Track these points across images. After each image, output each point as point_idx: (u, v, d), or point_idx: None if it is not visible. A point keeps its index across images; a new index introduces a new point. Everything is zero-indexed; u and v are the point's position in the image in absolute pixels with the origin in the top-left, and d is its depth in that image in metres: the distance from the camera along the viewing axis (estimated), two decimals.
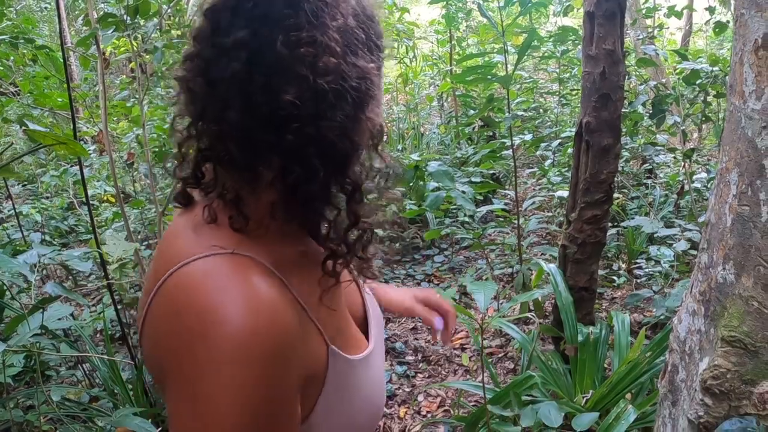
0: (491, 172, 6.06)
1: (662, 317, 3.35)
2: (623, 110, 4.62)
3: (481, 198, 5.91)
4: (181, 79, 0.87)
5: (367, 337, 1.05)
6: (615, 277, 4.50)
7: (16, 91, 5.80)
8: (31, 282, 2.06)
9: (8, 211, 5.93)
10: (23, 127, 1.31)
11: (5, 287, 2.53)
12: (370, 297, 1.18)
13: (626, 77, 5.18)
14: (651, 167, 5.84)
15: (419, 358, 4.05)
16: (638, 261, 4.46)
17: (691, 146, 5.27)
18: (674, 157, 5.39)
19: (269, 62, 0.77)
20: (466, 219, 5.64)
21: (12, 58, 4.53)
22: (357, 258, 0.93)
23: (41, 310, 2.02)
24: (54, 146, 1.43)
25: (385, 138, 0.94)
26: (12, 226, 4.70)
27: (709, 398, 1.36)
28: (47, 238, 5.06)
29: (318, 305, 0.88)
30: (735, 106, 1.27)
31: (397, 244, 5.59)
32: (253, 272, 0.78)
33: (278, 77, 0.77)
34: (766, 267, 1.22)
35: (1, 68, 4.73)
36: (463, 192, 3.76)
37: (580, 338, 2.86)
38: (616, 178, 5.49)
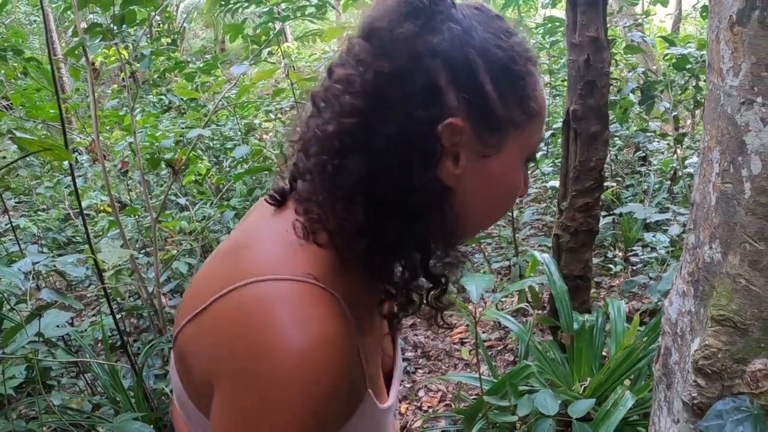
0: None
1: (659, 302, 3.35)
2: (613, 98, 4.64)
3: None
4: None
5: (388, 391, 1.04)
6: (612, 266, 4.51)
7: (8, 105, 5.80)
8: (26, 291, 2.06)
9: (5, 225, 5.93)
10: (9, 136, 1.31)
11: (3, 298, 2.53)
12: (399, 353, 1.16)
13: (615, 65, 5.20)
14: (644, 154, 5.85)
15: (419, 354, 4.06)
16: (634, 248, 4.47)
17: (684, 131, 5.27)
18: (667, 144, 5.40)
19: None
20: None
21: (2, 71, 4.53)
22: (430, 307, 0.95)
23: (38, 317, 2.02)
24: (40, 152, 1.43)
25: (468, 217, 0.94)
26: (9, 239, 4.69)
27: (702, 379, 1.36)
28: (45, 250, 5.05)
29: (366, 348, 0.88)
30: (714, 84, 1.27)
31: None
32: (331, 308, 0.76)
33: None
34: (751, 244, 1.23)
35: None
36: None
37: (575, 327, 2.87)
38: (609, 167, 5.54)
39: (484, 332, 4.16)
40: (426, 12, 0.82)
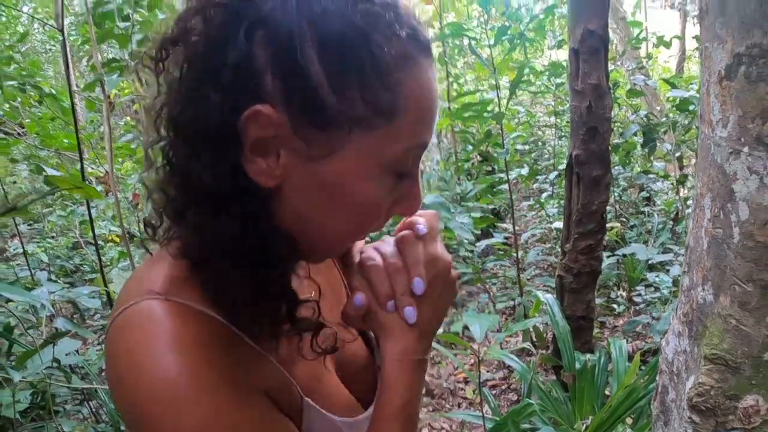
0: (491, 206, 6.12)
1: (660, 342, 3.38)
2: (617, 141, 4.73)
3: (482, 232, 5.97)
4: None
5: (366, 403, 0.94)
6: (615, 305, 4.53)
7: (22, 132, 5.92)
8: (41, 318, 2.12)
9: (14, 249, 6.00)
10: (42, 174, 1.38)
11: (13, 324, 2.59)
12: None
13: (618, 107, 5.30)
14: (649, 194, 5.91)
15: (423, 392, 4.07)
16: (638, 288, 4.50)
17: (687, 172, 5.34)
18: (671, 184, 5.46)
19: None
20: (467, 254, 5.69)
21: (19, 99, 4.64)
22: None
23: (52, 344, 2.08)
24: (70, 190, 1.50)
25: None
26: (18, 264, 4.76)
27: (696, 415, 1.41)
28: (52, 276, 5.12)
29: (290, 353, 0.80)
30: (705, 134, 1.34)
31: None
32: (181, 318, 0.69)
33: None
34: (741, 286, 1.28)
35: (8, 109, 4.84)
36: (462, 223, 3.82)
37: (577, 366, 2.90)
38: (614, 208, 5.60)
39: (488, 371, 4.18)
40: None
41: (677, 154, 4.47)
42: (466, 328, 4.63)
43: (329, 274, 0.97)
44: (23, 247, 3.60)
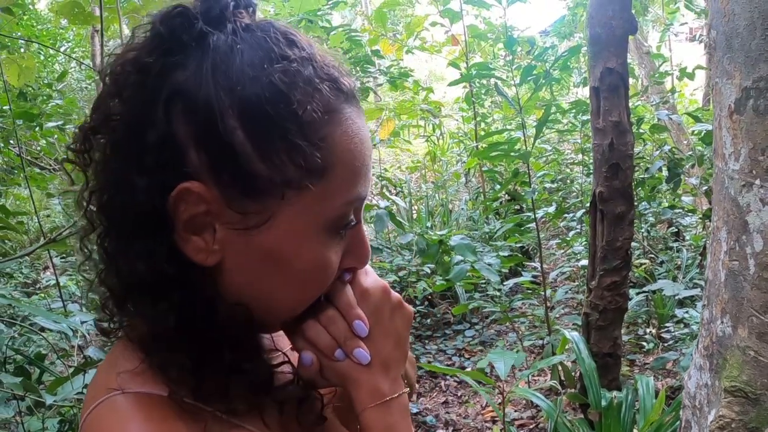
0: (519, 245, 6.11)
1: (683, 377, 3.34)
2: (641, 176, 4.72)
3: (510, 271, 5.96)
4: None
5: None
6: (644, 343, 4.48)
7: (57, 167, 6.10)
8: (72, 348, 2.18)
9: (46, 281, 6.12)
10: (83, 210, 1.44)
11: (44, 353, 2.65)
12: None
13: (642, 143, 5.29)
14: (677, 230, 5.86)
15: None
16: (667, 325, 4.45)
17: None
18: (699, 218, 5.42)
19: None
20: (495, 293, 5.69)
21: (56, 136, 4.78)
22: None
23: (83, 372, 2.13)
24: None
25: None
26: (50, 296, 4.86)
27: None
28: (83, 309, 5.21)
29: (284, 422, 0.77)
30: (719, 168, 1.36)
31: (428, 320, 5.63)
32: (143, 411, 0.67)
33: None
34: (758, 317, 1.29)
35: (45, 145, 4.98)
36: (489, 264, 3.84)
37: (603, 403, 2.87)
38: (641, 244, 5.56)
39: (515, 410, 4.14)
40: (172, 40, 0.65)
41: (704, 188, 4.44)
42: (492, 366, 4.61)
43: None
44: (57, 279, 3.68)
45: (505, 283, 4.81)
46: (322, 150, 0.65)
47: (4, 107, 4.15)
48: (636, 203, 3.39)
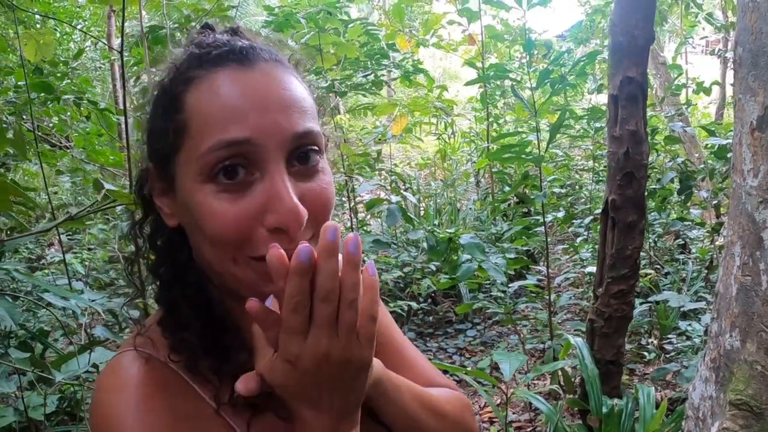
0: (526, 248, 6.12)
1: (687, 388, 3.35)
2: (653, 187, 4.72)
3: (515, 273, 5.97)
4: None
5: None
6: (646, 353, 4.49)
7: (69, 145, 6.12)
8: (75, 325, 2.20)
9: (51, 257, 6.14)
10: (100, 188, 1.46)
11: (48, 330, 2.68)
12: None
13: (655, 154, 5.29)
14: (684, 242, 5.85)
15: None
16: (669, 337, 4.46)
17: (722, 220, 5.30)
18: (707, 232, 5.42)
19: None
20: (499, 294, 5.69)
21: (69, 113, 4.79)
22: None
23: (89, 350, 2.15)
24: (128, 205, 1.57)
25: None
26: (53, 272, 4.88)
27: None
28: (87, 288, 5.23)
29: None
30: (737, 183, 1.37)
31: (431, 318, 5.65)
32: (135, 365, 0.80)
33: None
34: (767, 332, 1.30)
35: (57, 122, 5.00)
36: (496, 264, 3.85)
37: (604, 410, 2.89)
38: (648, 254, 5.56)
39: (513, 413, 4.16)
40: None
41: (714, 202, 4.45)
42: (494, 368, 4.63)
43: None
44: (63, 256, 3.68)
45: (510, 285, 4.82)
46: (181, 112, 0.77)
47: (20, 83, 4.17)
48: (646, 214, 3.39)
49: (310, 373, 0.70)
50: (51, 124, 5.95)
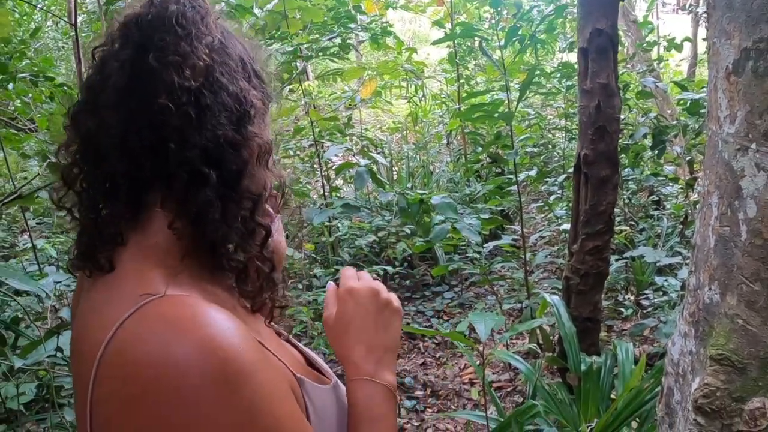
0: (500, 208, 6.10)
1: (666, 344, 3.36)
2: (626, 143, 4.70)
3: (490, 234, 5.95)
4: (71, 118, 0.89)
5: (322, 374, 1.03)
6: (623, 309, 4.51)
7: (33, 127, 5.95)
8: (46, 308, 2.14)
9: (23, 244, 6.03)
10: (48, 161, 1.38)
11: (20, 317, 2.61)
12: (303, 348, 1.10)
13: (628, 110, 5.28)
14: (658, 198, 5.87)
15: (428, 393, 4.07)
16: (646, 292, 4.47)
17: (696, 176, 5.31)
18: (680, 188, 5.43)
19: (145, 75, 0.81)
20: (475, 255, 5.67)
21: (30, 95, 4.66)
22: (270, 292, 0.91)
23: (56, 334, 2.08)
24: None
25: (276, 156, 0.95)
26: (26, 259, 4.79)
27: (702, 417, 1.39)
28: (61, 272, 5.13)
29: (265, 339, 0.87)
30: (712, 131, 1.32)
31: (407, 282, 5.62)
32: (198, 309, 0.75)
33: (152, 85, 0.81)
34: (748, 285, 1.26)
35: (20, 104, 4.86)
36: (470, 224, 3.80)
37: (583, 368, 2.88)
38: (623, 211, 5.58)
39: (494, 373, 4.17)
40: None
41: (687, 158, 4.44)
42: (472, 329, 4.62)
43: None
44: (32, 242, 3.60)
45: (485, 246, 4.80)
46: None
47: None
48: (619, 169, 3.37)
49: (364, 304, 1.01)
50: (13, 108, 5.78)
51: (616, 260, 4.58)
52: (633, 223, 5.64)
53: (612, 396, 2.95)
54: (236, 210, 0.84)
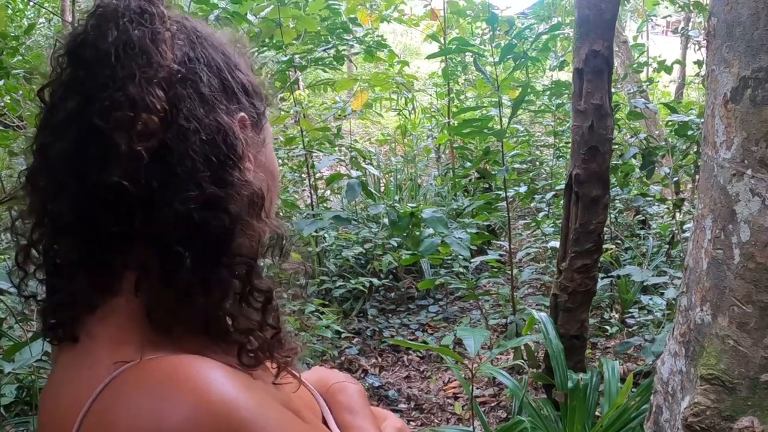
0: (487, 223, 6.13)
1: (652, 364, 3.39)
2: (615, 162, 4.75)
3: (476, 249, 5.97)
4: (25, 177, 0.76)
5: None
6: (608, 327, 4.54)
7: (22, 125, 5.90)
8: (33, 310, 2.12)
9: (7, 242, 5.97)
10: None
11: (2, 317, 2.58)
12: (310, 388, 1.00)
13: (618, 130, 5.33)
14: (644, 218, 5.93)
15: (412, 406, 4.06)
16: (631, 311, 4.51)
17: (683, 197, 5.38)
18: (667, 208, 5.49)
19: (91, 140, 0.66)
20: (461, 270, 5.69)
21: (21, 92, 4.62)
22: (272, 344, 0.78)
23: (42, 337, 2.06)
24: None
25: (271, 204, 0.80)
26: (9, 258, 4.75)
27: None
28: None
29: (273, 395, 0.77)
30: (708, 156, 1.35)
31: (393, 294, 5.63)
32: (182, 366, 0.66)
33: (101, 155, 0.65)
34: (740, 307, 1.29)
35: (9, 101, 4.82)
36: (459, 239, 3.83)
37: (570, 385, 2.90)
38: (609, 229, 5.62)
39: (477, 388, 4.17)
40: None
41: (675, 179, 4.50)
42: (458, 344, 4.63)
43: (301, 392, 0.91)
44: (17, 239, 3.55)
45: (471, 261, 4.82)
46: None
47: None
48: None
49: None
50: (2, 104, 5.74)
51: (602, 278, 4.61)
52: (619, 241, 5.69)
53: (597, 413, 2.97)
54: (228, 278, 0.71)
